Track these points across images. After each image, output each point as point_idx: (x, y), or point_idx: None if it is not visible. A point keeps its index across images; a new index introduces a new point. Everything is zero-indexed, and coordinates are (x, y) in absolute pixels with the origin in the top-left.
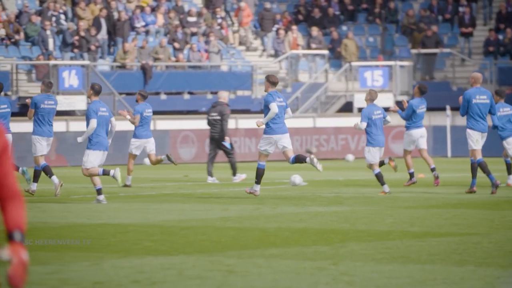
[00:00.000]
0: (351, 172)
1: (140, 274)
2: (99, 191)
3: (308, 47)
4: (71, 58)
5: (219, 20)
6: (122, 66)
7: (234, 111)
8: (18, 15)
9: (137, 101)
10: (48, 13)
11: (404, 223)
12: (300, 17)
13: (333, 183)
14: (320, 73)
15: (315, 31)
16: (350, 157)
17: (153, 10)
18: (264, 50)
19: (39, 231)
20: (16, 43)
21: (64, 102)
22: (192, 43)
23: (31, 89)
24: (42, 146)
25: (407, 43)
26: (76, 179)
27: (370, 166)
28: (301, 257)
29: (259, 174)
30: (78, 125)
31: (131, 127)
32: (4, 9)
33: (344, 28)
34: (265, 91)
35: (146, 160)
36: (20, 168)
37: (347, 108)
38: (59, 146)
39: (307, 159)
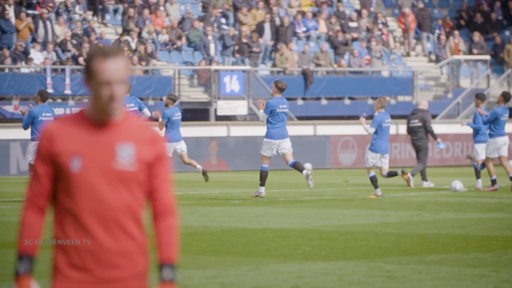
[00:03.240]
0: None
1: (299, 279)
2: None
3: (470, 52)
4: (233, 63)
5: (380, 26)
6: (283, 71)
7: (394, 117)
8: (181, 21)
9: (166, 105)
10: (210, 18)
11: None
12: (462, 22)
13: None
14: (482, 78)
15: (477, 36)
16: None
17: (314, 15)
18: (425, 55)
19: (200, 235)
20: (178, 49)
21: (225, 107)
22: (353, 48)
23: (193, 94)
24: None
25: None
26: (238, 184)
27: (367, 169)
28: (461, 264)
29: (263, 177)
30: (239, 130)
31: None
32: (167, 15)
33: (507, 33)
34: (272, 95)
35: (307, 165)
36: None
37: (509, 114)
38: (220, 151)
39: (303, 172)
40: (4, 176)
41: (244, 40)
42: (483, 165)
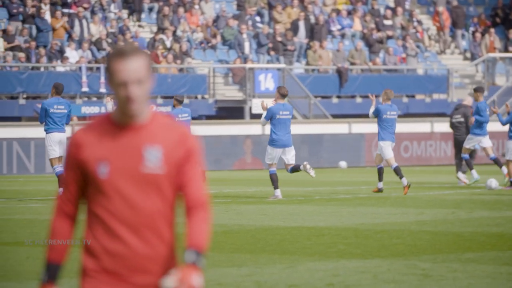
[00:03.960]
0: None
1: (334, 277)
2: None
3: (506, 50)
4: (267, 62)
5: (415, 23)
6: (317, 69)
7: (429, 115)
8: (216, 19)
9: (173, 106)
10: (245, 17)
11: None
12: (498, 19)
13: None
14: None
15: None
16: None
17: (349, 13)
18: (460, 53)
19: (235, 233)
20: (213, 47)
21: (260, 105)
22: (387, 46)
23: (228, 92)
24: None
25: None
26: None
27: (388, 161)
28: (497, 262)
29: (274, 180)
30: None
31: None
32: (202, 13)
33: None
34: (274, 101)
35: (342, 163)
36: None
37: None
38: (255, 149)
39: (301, 167)
40: (40, 174)
41: (279, 38)
42: (470, 156)
